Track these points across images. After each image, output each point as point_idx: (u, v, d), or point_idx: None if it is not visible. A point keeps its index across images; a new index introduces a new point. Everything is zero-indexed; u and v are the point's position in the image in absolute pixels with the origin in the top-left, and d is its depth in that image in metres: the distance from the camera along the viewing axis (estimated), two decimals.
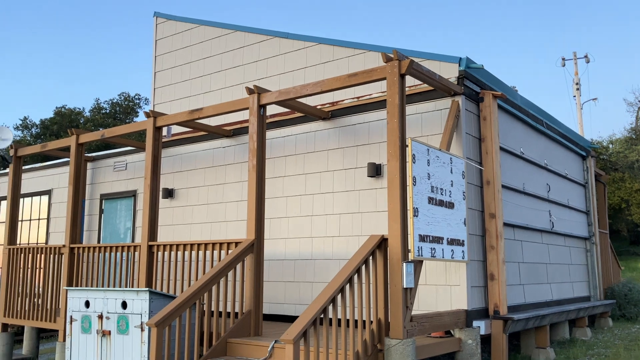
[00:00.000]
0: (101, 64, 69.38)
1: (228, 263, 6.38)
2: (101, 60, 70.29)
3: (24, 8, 71.56)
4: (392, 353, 5.34)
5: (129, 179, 10.51)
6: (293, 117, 8.48)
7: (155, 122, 8.11)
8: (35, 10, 72.48)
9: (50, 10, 73.24)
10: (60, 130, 26.92)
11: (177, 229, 9.66)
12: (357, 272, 5.40)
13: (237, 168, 9.10)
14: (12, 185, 10.13)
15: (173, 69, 10.38)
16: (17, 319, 9.56)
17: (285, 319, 8.11)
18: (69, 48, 71.07)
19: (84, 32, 73.62)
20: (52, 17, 73.43)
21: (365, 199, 7.56)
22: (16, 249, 9.81)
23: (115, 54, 71.36)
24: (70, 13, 74.88)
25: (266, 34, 9.22)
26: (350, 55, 8.17)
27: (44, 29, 72.22)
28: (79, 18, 74.74)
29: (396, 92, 5.81)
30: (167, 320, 5.61)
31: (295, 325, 4.69)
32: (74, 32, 73.21)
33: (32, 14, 72.15)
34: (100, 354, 6.45)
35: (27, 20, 72.26)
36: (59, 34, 72.19)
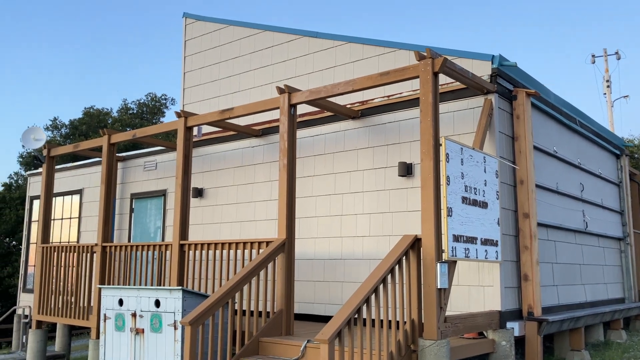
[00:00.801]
0: (128, 64, 70.36)
1: (260, 262, 6.39)
2: (128, 61, 71.28)
3: (49, 12, 72.91)
4: (427, 354, 5.29)
5: (159, 178, 10.61)
6: (322, 117, 8.46)
7: (187, 122, 8.17)
8: (62, 12, 73.80)
9: (78, 11, 74.53)
10: (89, 131, 27.33)
11: (206, 228, 9.72)
12: (391, 273, 5.36)
13: (266, 168, 9.12)
14: (45, 184, 10.31)
15: (202, 69, 10.45)
16: (51, 316, 9.72)
17: (314, 318, 8.10)
18: (96, 49, 72.16)
19: (111, 32, 74.73)
20: (78, 18, 74.70)
21: (395, 198, 7.51)
22: (49, 247, 9.98)
23: (142, 54, 72.33)
24: (97, 14, 76.06)
25: (295, 33, 9.22)
26: (380, 54, 8.12)
27: (72, 29, 73.51)
28: (105, 19, 75.89)
29: (429, 90, 5.75)
30: (200, 319, 5.64)
31: (330, 325, 4.67)
32: (101, 32, 74.34)
33: (59, 16, 73.49)
34: (134, 351, 6.52)
35: (53, 21, 73.61)
36: (87, 34, 73.39)
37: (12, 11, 69.93)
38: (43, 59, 69.51)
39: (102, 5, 75.25)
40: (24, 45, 70.09)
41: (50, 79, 68.20)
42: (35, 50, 70.02)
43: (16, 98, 66.93)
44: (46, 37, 71.49)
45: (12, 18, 70.13)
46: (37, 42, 70.83)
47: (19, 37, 70.22)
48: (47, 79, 68.20)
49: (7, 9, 69.20)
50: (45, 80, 68.28)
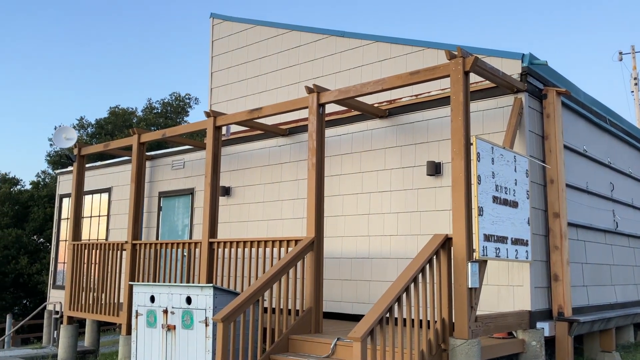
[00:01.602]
0: (153, 64, 71.14)
1: (289, 261, 6.44)
2: (153, 60, 72.07)
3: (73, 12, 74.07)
4: (457, 353, 5.29)
5: (187, 177, 10.74)
6: (349, 116, 8.49)
7: (215, 121, 8.26)
8: (86, 12, 74.92)
9: (102, 11, 75.57)
10: (114, 130, 27.73)
11: (233, 226, 9.82)
12: (422, 272, 5.37)
13: (292, 167, 9.18)
14: (76, 183, 10.51)
15: (229, 69, 10.55)
16: (82, 312, 9.91)
17: (342, 317, 8.14)
18: (121, 48, 73.18)
19: (135, 33, 75.65)
20: (103, 19, 75.77)
21: (424, 197, 7.50)
22: (80, 244, 10.17)
23: (166, 53, 73.08)
24: (121, 14, 77.09)
25: (322, 33, 9.26)
26: (408, 53, 8.12)
27: (97, 30, 74.60)
28: (128, 19, 76.86)
29: (460, 89, 5.75)
30: (232, 315, 5.72)
31: (362, 323, 4.70)
32: (125, 32, 75.34)
33: (83, 17, 74.59)
34: (166, 347, 6.63)
35: (79, 22, 74.72)
36: (112, 34, 74.42)
37: (38, 12, 71.18)
38: (69, 59, 70.61)
39: (126, 6, 76.17)
40: (51, 46, 71.28)
41: (75, 79, 69.27)
42: (61, 49, 71.16)
43: (42, 97, 68.14)
44: (73, 37, 72.60)
45: (38, 19, 71.37)
46: (64, 42, 71.96)
47: (47, 38, 71.45)
48: (72, 78, 69.29)
49: (33, 10, 70.45)
50: (71, 80, 69.37)
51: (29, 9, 70.08)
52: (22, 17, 70.51)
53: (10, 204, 25.74)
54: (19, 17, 70.37)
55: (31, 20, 71.04)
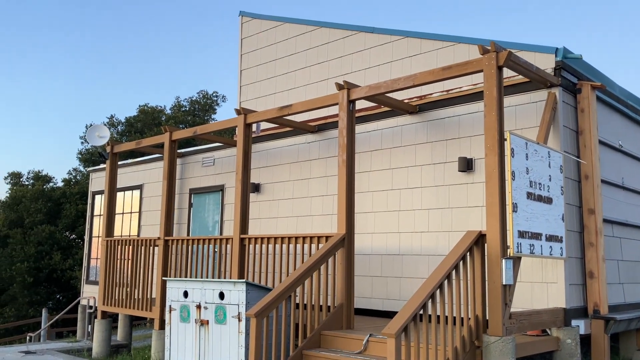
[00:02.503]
0: (180, 62, 71.93)
1: (321, 257, 6.47)
2: (180, 58, 72.87)
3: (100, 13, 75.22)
4: (492, 350, 5.26)
5: (217, 174, 10.85)
6: (379, 112, 8.47)
7: (246, 119, 8.33)
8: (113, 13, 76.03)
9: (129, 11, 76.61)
10: (144, 128, 28.13)
11: (263, 223, 9.89)
12: (455, 269, 5.35)
13: (321, 163, 9.20)
14: (109, 180, 10.70)
15: (258, 67, 10.61)
16: (115, 307, 10.10)
17: (372, 313, 8.14)
18: (149, 46, 74.11)
19: (162, 30, 76.56)
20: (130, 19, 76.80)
21: (455, 194, 7.45)
22: (113, 240, 10.36)
23: (194, 52, 73.80)
24: (149, 12, 78.02)
25: (351, 29, 9.25)
26: (438, 48, 8.06)
27: (125, 29, 75.64)
28: (155, 17, 77.80)
29: (494, 84, 5.69)
30: (265, 311, 5.77)
31: (396, 320, 4.70)
32: (152, 30, 76.30)
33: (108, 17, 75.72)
34: (199, 342, 6.72)
35: (104, 21, 75.88)
36: (138, 32, 75.43)
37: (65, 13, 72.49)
38: (98, 58, 71.81)
39: (155, 5, 77.11)
40: (81, 45, 72.58)
41: (104, 77, 70.42)
42: (91, 49, 72.39)
43: (73, 96, 69.44)
44: (102, 37, 73.78)
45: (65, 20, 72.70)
46: (94, 41, 73.20)
47: (76, 38, 72.76)
48: (101, 77, 70.45)
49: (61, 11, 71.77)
50: (101, 79, 70.54)
51: (57, 8, 71.44)
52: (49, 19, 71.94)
53: (43, 201, 26.33)
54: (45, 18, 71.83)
55: (59, 21, 72.41)
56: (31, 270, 24.35)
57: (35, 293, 24.48)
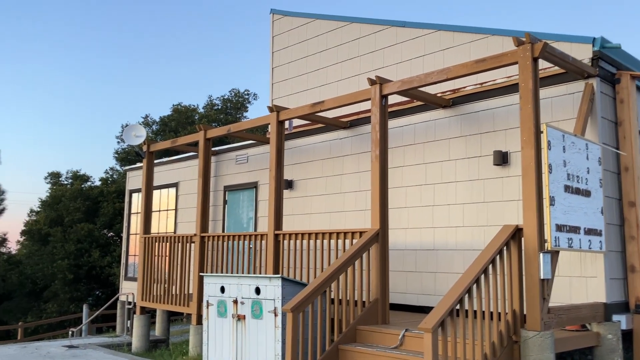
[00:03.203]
0: (212, 61, 72.70)
1: (355, 252, 6.49)
2: (212, 57, 73.64)
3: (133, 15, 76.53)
4: (530, 345, 5.20)
5: (250, 171, 10.97)
6: (411, 106, 8.43)
7: (278, 116, 8.39)
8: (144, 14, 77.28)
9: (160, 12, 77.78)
10: (177, 127, 28.58)
11: (296, 219, 9.96)
12: (492, 263, 5.30)
13: (354, 159, 9.21)
14: (146, 178, 10.92)
15: (290, 64, 10.67)
16: (153, 303, 10.31)
17: (407, 308, 8.13)
18: (181, 46, 75.12)
19: (194, 29, 77.46)
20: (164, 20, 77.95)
21: (490, 188, 7.38)
22: (151, 237, 10.57)
23: (225, 50, 74.49)
24: (180, 13, 79.10)
25: (382, 23, 9.22)
26: (471, 41, 7.98)
27: (159, 30, 76.88)
28: (186, 16, 78.78)
29: (529, 76, 5.61)
30: (301, 306, 5.82)
31: (433, 315, 4.70)
32: (184, 30, 77.29)
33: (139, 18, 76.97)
34: (236, 337, 6.82)
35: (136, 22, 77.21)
36: (170, 32, 76.54)
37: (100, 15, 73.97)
38: (132, 58, 73.14)
39: (186, 5, 78.06)
40: (115, 46, 74.03)
41: (138, 78, 71.70)
42: (125, 50, 73.79)
43: (108, 97, 70.89)
44: (134, 38, 75.12)
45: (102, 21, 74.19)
46: (127, 42, 74.60)
47: (109, 40, 74.24)
48: (135, 77, 71.76)
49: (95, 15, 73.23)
50: (135, 79, 71.85)
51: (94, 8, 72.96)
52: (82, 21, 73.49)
53: (82, 199, 27.00)
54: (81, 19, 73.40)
55: (94, 21, 73.97)
56: (71, 267, 25.03)
57: (76, 289, 25.16)
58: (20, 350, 10.15)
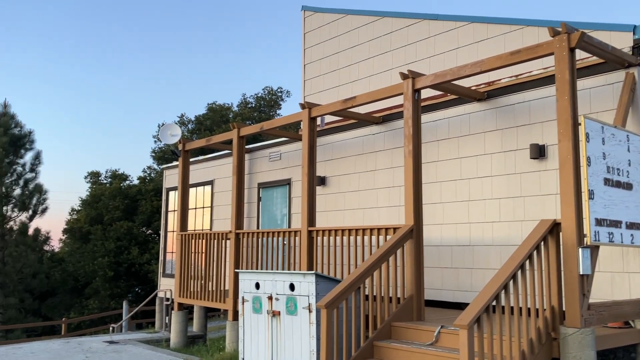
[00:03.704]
0: (246, 59, 73.28)
1: (389, 249, 6.45)
2: (246, 56, 74.24)
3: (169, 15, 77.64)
4: (569, 342, 5.08)
5: (283, 168, 11.01)
6: (445, 100, 8.33)
7: (310, 112, 8.40)
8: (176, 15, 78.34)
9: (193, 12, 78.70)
10: (212, 125, 28.92)
11: (329, 215, 9.96)
12: (529, 258, 5.20)
13: (387, 154, 9.15)
14: (182, 177, 11.08)
15: (321, 60, 10.66)
16: (190, 299, 10.47)
17: (443, 305, 8.04)
18: (214, 44, 75.94)
19: (227, 27, 78.13)
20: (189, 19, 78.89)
21: (527, 182, 7.23)
22: (187, 235, 10.73)
23: (259, 48, 75.00)
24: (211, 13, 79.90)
25: (414, 17, 9.13)
26: (506, 32, 7.83)
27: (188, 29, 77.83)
28: (218, 16, 79.51)
29: (566, 67, 5.47)
30: (335, 302, 5.82)
31: (469, 311, 4.63)
32: (217, 28, 78.05)
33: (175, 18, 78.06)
34: (271, 333, 6.87)
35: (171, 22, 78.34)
36: (203, 30, 77.38)
37: (138, 17, 75.33)
38: (167, 58, 74.31)
39: (219, 6, 78.86)
40: (152, 48, 75.34)
41: (174, 77, 72.83)
42: (160, 50, 75.02)
43: (144, 97, 72.23)
44: (168, 37, 76.31)
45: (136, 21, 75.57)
46: (162, 42, 75.82)
47: (145, 40, 75.56)
48: (171, 77, 72.91)
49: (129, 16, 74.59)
50: (170, 78, 73.01)
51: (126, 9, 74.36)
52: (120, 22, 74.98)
53: (121, 198, 27.60)
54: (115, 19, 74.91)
55: (129, 22, 75.37)
56: (111, 264, 25.63)
57: (116, 286, 25.75)
58: (63, 345, 10.45)
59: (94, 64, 71.16)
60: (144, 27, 74.76)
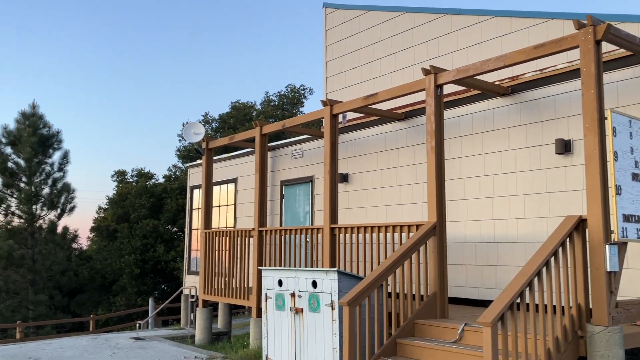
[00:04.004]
0: (268, 57, 73.57)
1: (412, 245, 6.41)
2: (268, 54, 74.52)
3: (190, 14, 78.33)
4: (596, 340, 4.99)
5: (306, 165, 11.03)
6: (468, 96, 8.24)
7: (332, 110, 8.39)
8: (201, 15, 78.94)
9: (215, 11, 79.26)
10: (236, 123, 29.11)
11: (352, 212, 9.94)
12: (554, 255, 5.12)
13: (409, 151, 9.09)
14: (206, 175, 11.17)
15: (343, 57, 10.64)
16: (215, 296, 10.56)
17: (467, 302, 7.97)
18: (237, 44, 76.37)
19: (249, 26, 78.53)
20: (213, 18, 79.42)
21: (553, 178, 7.12)
22: (211, 232, 10.82)
23: (280, 46, 75.21)
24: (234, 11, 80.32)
25: (436, 12, 9.04)
26: (530, 26, 7.70)
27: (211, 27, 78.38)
28: (241, 15, 79.89)
29: (591, 60, 5.36)
30: (357, 299, 5.81)
31: (492, 308, 4.58)
32: (239, 27, 78.48)
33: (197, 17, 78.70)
34: (294, 330, 6.89)
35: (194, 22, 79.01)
36: (226, 31, 77.86)
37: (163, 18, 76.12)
38: (190, 58, 74.98)
39: (241, 3, 79.26)
40: (175, 47, 76.10)
41: (197, 76, 73.44)
42: (185, 48, 75.74)
43: (169, 96, 73.00)
44: (193, 37, 76.97)
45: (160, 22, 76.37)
46: (188, 41, 76.53)
47: (170, 40, 76.36)
48: (195, 76, 73.53)
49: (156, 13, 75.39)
50: (194, 78, 73.65)
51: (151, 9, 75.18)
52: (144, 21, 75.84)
53: (147, 196, 27.97)
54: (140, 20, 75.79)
55: (152, 22, 76.22)
56: (138, 262, 26.00)
57: (143, 283, 26.12)
58: (91, 341, 10.63)
59: (120, 65, 72.15)
60: (168, 29, 75.52)
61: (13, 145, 24.46)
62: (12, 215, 23.99)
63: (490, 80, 7.82)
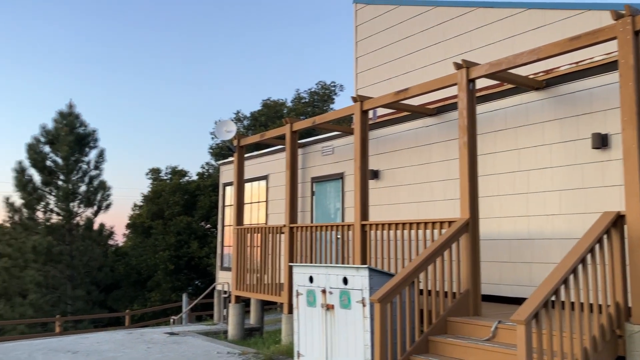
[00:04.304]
0: (300, 55, 73.70)
1: (443, 242, 6.35)
2: (299, 51, 74.67)
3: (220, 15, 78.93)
4: (636, 340, 4.86)
5: (336, 162, 11.01)
6: (501, 90, 8.10)
7: (362, 106, 8.35)
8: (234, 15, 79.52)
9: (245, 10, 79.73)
10: (267, 121, 29.28)
11: (383, 209, 9.89)
12: (591, 252, 5.00)
13: (441, 147, 8.99)
14: (237, 172, 11.26)
15: (373, 53, 10.58)
16: (247, 292, 10.65)
17: (500, 300, 7.85)
18: (269, 42, 76.76)
19: (279, 24, 78.80)
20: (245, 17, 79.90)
21: (589, 173, 6.95)
22: (243, 229, 10.91)
23: (311, 43, 75.29)
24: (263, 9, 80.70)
25: (468, 5, 8.91)
26: (564, 18, 7.53)
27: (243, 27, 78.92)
28: (274, 13, 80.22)
29: (630, 52, 5.21)
30: (389, 296, 5.78)
31: (526, 306, 4.50)
32: (270, 25, 78.83)
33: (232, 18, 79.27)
34: (325, 326, 6.89)
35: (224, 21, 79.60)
36: (258, 29, 78.32)
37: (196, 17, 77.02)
38: (222, 57, 75.69)
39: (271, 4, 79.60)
40: (207, 47, 76.94)
41: (230, 75, 74.10)
42: (218, 48, 76.48)
43: (202, 95, 73.86)
44: (224, 36, 77.65)
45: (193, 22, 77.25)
46: (221, 41, 77.25)
47: (202, 40, 77.22)
48: (227, 74, 74.21)
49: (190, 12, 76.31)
50: (226, 76, 74.32)
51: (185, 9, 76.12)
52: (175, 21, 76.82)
53: (180, 193, 28.37)
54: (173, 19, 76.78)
55: (186, 22, 77.15)
56: (172, 258, 26.41)
57: (177, 279, 26.52)
58: (126, 336, 10.85)
59: (155, 67, 73.24)
60: (202, 30, 76.30)
61: (51, 144, 25.10)
62: (50, 212, 24.63)
63: (524, 74, 7.67)
